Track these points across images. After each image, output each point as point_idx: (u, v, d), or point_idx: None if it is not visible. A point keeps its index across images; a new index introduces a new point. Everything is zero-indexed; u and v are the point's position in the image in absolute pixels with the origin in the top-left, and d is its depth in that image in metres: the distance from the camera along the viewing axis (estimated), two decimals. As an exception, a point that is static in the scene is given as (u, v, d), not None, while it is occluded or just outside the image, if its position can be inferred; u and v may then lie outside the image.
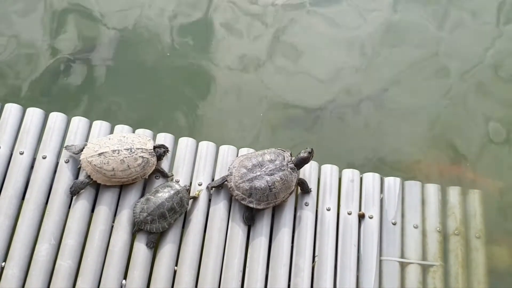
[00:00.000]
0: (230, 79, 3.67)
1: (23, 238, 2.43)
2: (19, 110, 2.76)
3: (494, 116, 3.55)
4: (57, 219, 2.49)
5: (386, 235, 2.62)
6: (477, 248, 2.64)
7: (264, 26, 3.88)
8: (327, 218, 2.61)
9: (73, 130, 2.72)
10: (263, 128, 3.49)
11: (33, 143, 2.67)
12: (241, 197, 2.53)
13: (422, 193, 2.73)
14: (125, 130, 2.74)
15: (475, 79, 3.70)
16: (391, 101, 3.62)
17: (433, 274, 2.56)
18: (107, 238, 2.49)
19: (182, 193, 2.51)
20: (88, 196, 2.55)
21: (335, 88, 3.66)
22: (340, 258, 2.53)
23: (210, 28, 3.87)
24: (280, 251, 2.51)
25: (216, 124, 3.50)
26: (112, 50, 3.73)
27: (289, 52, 3.80)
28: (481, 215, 2.71)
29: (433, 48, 3.83)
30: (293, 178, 2.56)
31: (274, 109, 3.57)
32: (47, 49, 3.68)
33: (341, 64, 3.76)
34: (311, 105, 3.58)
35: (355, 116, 3.57)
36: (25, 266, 2.40)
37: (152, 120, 3.45)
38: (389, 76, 3.71)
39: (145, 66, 3.70)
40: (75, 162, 2.62)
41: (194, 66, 3.71)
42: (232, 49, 3.80)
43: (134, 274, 2.41)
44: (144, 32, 3.81)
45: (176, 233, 2.52)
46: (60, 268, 2.39)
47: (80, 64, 3.66)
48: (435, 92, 3.66)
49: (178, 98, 3.60)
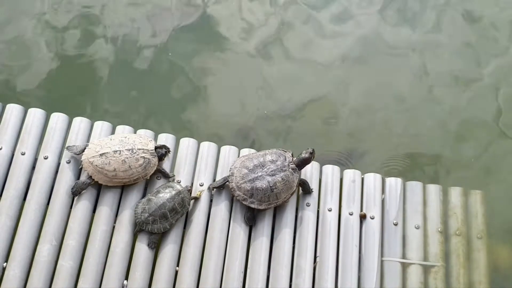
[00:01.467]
0: (230, 78, 3.68)
1: (24, 238, 2.44)
2: (21, 110, 2.76)
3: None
4: (59, 219, 2.49)
5: (388, 235, 2.61)
6: (478, 249, 2.64)
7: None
8: (328, 218, 2.61)
9: (74, 130, 2.72)
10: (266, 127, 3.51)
11: (34, 144, 2.67)
12: (243, 197, 2.53)
13: (424, 194, 2.72)
14: (127, 131, 2.74)
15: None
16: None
17: (435, 275, 2.56)
18: (108, 239, 2.49)
19: (183, 194, 2.51)
20: (89, 196, 2.55)
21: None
22: (342, 258, 2.53)
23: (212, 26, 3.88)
24: (282, 252, 2.51)
25: (217, 124, 3.50)
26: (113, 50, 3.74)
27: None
28: (483, 215, 2.71)
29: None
30: (294, 179, 2.56)
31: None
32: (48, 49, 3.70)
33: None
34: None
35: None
36: (27, 267, 2.40)
37: (154, 121, 3.45)
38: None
39: (146, 65, 3.70)
40: (77, 163, 2.62)
41: (195, 65, 3.71)
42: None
43: (135, 275, 2.41)
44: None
45: (178, 233, 2.52)
46: (62, 269, 2.39)
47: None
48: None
49: (178, 98, 3.60)
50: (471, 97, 3.63)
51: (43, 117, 2.76)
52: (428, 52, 3.80)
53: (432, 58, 3.78)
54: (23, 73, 3.59)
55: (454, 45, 3.83)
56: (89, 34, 3.78)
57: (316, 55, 3.78)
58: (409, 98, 3.62)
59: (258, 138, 3.44)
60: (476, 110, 3.59)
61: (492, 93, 3.65)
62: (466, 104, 3.60)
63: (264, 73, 3.69)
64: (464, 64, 3.76)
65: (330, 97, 3.62)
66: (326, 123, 3.53)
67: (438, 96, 3.63)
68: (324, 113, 3.57)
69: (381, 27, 3.88)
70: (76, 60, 3.68)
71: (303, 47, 3.81)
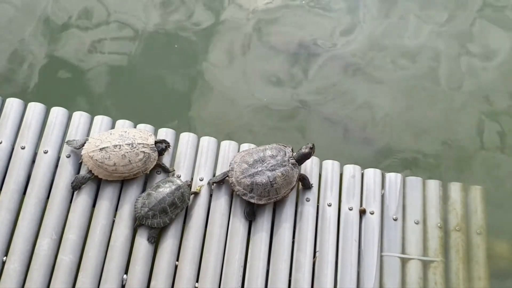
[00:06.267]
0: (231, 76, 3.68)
1: (24, 232, 2.44)
2: (21, 104, 2.76)
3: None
4: (59, 213, 2.49)
5: (387, 230, 2.62)
6: (478, 244, 2.64)
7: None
8: (328, 213, 2.61)
9: (74, 124, 2.72)
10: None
11: (34, 138, 2.67)
12: (242, 192, 2.53)
13: (423, 189, 2.72)
14: (127, 125, 2.74)
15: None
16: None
17: (434, 270, 2.56)
18: (108, 233, 2.49)
19: (183, 188, 2.51)
20: (89, 191, 2.55)
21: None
22: (341, 253, 2.53)
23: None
24: (281, 247, 2.51)
25: (217, 118, 3.50)
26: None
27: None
28: (482, 211, 2.71)
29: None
30: (294, 174, 2.56)
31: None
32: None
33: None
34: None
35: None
36: (27, 261, 2.40)
37: (154, 115, 3.45)
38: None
39: (146, 61, 3.70)
40: (77, 157, 2.62)
41: (196, 62, 3.71)
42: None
43: (135, 269, 2.41)
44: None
45: (177, 228, 2.52)
46: (61, 263, 2.40)
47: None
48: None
49: (179, 93, 3.60)
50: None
51: (43, 111, 2.76)
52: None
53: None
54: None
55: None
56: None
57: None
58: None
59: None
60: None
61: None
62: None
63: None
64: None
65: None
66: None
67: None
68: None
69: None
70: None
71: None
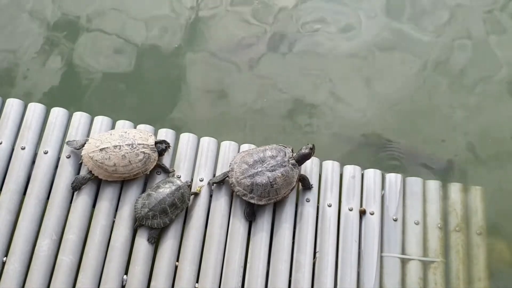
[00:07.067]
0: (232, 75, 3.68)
1: (24, 233, 2.44)
2: (21, 105, 2.76)
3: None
4: (59, 214, 2.49)
5: (387, 231, 2.62)
6: (478, 245, 2.64)
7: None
8: (328, 214, 2.61)
9: (74, 125, 2.72)
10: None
11: (34, 138, 2.67)
12: (242, 193, 2.53)
13: (423, 190, 2.72)
14: (127, 126, 2.74)
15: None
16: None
17: (434, 270, 2.56)
18: (108, 234, 2.49)
19: (183, 189, 2.51)
20: (89, 191, 2.55)
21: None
22: (341, 254, 2.53)
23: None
24: (281, 247, 2.51)
25: (218, 119, 3.50)
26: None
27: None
28: (482, 211, 2.71)
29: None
30: (294, 174, 2.56)
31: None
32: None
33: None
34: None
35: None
36: (27, 261, 2.40)
37: (154, 116, 3.45)
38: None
39: (147, 61, 3.70)
40: (77, 158, 2.62)
41: (196, 62, 3.71)
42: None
43: (135, 270, 2.41)
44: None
45: (177, 228, 2.52)
46: (62, 263, 2.40)
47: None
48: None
49: (180, 93, 3.60)
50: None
51: (43, 112, 2.76)
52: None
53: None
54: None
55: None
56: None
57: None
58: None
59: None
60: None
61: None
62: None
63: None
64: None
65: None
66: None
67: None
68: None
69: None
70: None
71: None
